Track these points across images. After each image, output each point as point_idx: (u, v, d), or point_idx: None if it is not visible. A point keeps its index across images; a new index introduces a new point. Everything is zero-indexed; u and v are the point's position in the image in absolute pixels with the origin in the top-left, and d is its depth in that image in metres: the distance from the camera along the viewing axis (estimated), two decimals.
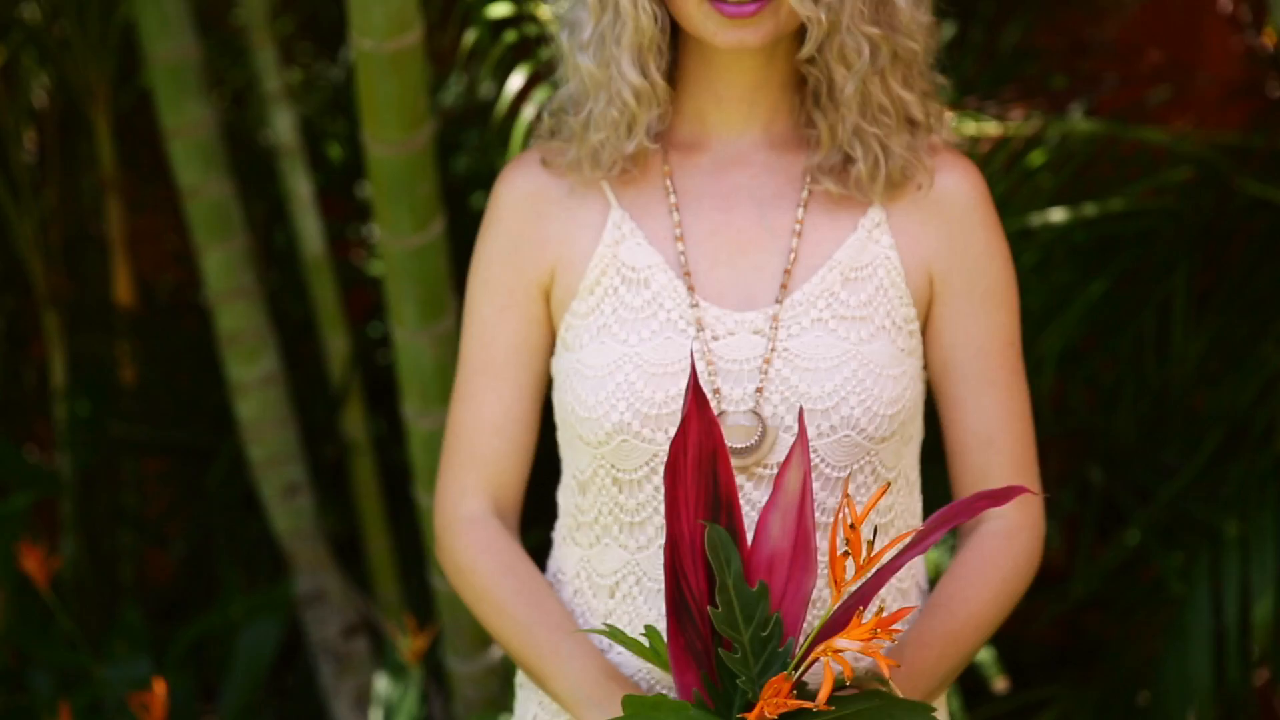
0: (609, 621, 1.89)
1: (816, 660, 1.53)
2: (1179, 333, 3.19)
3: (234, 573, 3.95)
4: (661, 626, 1.76)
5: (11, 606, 3.74)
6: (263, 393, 3.70)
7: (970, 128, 3.12)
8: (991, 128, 3.11)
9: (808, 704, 1.52)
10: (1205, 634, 3.21)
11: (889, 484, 1.55)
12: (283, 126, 3.75)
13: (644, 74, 1.84)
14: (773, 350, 1.82)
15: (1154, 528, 3.31)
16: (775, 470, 1.79)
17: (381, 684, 3.33)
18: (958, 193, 1.89)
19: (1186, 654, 3.23)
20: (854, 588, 1.58)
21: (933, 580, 2.46)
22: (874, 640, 1.49)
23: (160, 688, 3.04)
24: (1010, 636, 3.74)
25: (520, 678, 2.03)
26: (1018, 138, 3.12)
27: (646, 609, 1.88)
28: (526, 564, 1.92)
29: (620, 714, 1.65)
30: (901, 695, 1.72)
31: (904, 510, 1.92)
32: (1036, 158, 3.17)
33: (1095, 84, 3.73)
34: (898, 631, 1.51)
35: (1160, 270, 3.20)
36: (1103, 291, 3.20)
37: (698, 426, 1.61)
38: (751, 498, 1.82)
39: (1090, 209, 3.15)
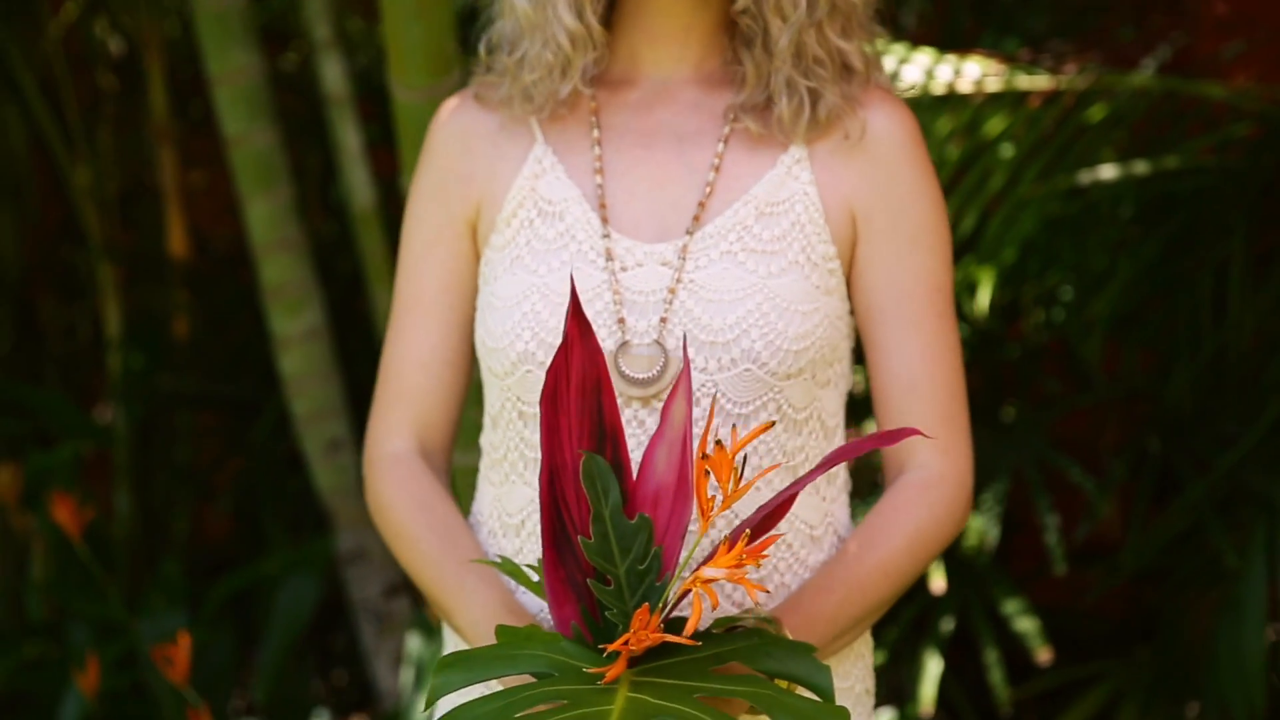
0: (517, 558, 1.85)
1: (687, 594, 1.48)
2: (1236, 296, 3.07)
3: (278, 529, 3.93)
4: None
5: (53, 559, 3.74)
6: (306, 347, 3.67)
7: (1023, 81, 3.02)
8: (1043, 81, 3.00)
9: (675, 637, 1.47)
10: (1259, 608, 3.10)
11: (772, 423, 1.48)
12: (331, 76, 3.70)
13: (580, 17, 1.83)
14: (678, 282, 1.79)
15: (1211, 498, 3.20)
16: None
17: (414, 644, 3.29)
18: (885, 133, 1.84)
19: (1240, 628, 3.13)
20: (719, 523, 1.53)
21: None
22: (741, 567, 1.43)
23: (185, 641, 3.02)
24: (1062, 610, 3.64)
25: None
26: (1069, 92, 3.01)
27: None
28: (444, 502, 1.89)
29: None
30: (791, 637, 1.67)
31: (817, 455, 1.85)
32: (1096, 113, 3.06)
33: (1161, 38, 3.61)
34: (765, 558, 1.48)
35: (1218, 231, 3.09)
36: (1158, 253, 3.10)
37: (581, 354, 1.57)
38: (650, 427, 1.78)
39: (1142, 167, 3.03)
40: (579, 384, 1.58)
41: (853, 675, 1.88)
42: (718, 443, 1.45)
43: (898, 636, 3.34)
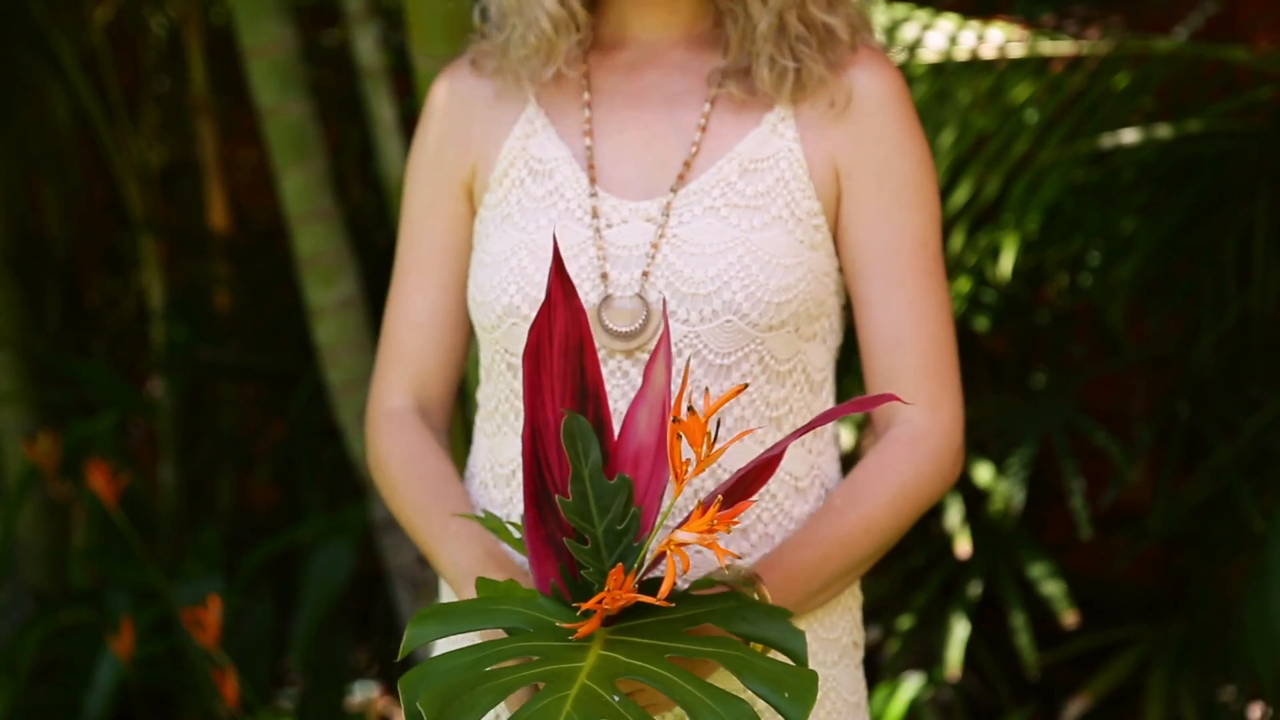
0: (508, 510, 1.88)
1: (662, 556, 1.49)
2: (1261, 260, 3.06)
3: (316, 498, 3.98)
4: None
5: (94, 527, 3.80)
6: (340, 317, 3.70)
7: (1046, 47, 3.01)
8: (1066, 47, 3.00)
9: (648, 598, 1.49)
10: None
11: (745, 385, 1.50)
12: (366, 48, 3.72)
13: (562, 2, 1.85)
14: (661, 237, 1.81)
15: (1238, 463, 3.19)
16: None
17: None
18: (869, 90, 1.85)
19: (1267, 593, 3.11)
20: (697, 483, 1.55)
21: None
22: (713, 533, 1.45)
23: (215, 604, 3.07)
24: (1092, 578, 3.65)
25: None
26: (1092, 57, 3.01)
27: None
28: (436, 455, 1.92)
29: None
30: (772, 595, 1.70)
31: (802, 408, 1.87)
32: (1121, 80, 3.06)
33: (1193, 4, 3.60)
34: (736, 524, 1.49)
35: (1243, 195, 3.08)
36: (1183, 218, 3.09)
37: (564, 314, 1.60)
38: (635, 379, 1.81)
39: (1165, 131, 3.03)
40: (561, 344, 1.61)
41: (839, 627, 1.89)
42: (690, 408, 1.47)
43: (926, 601, 3.36)
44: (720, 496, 1.50)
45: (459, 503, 1.87)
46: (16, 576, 4.07)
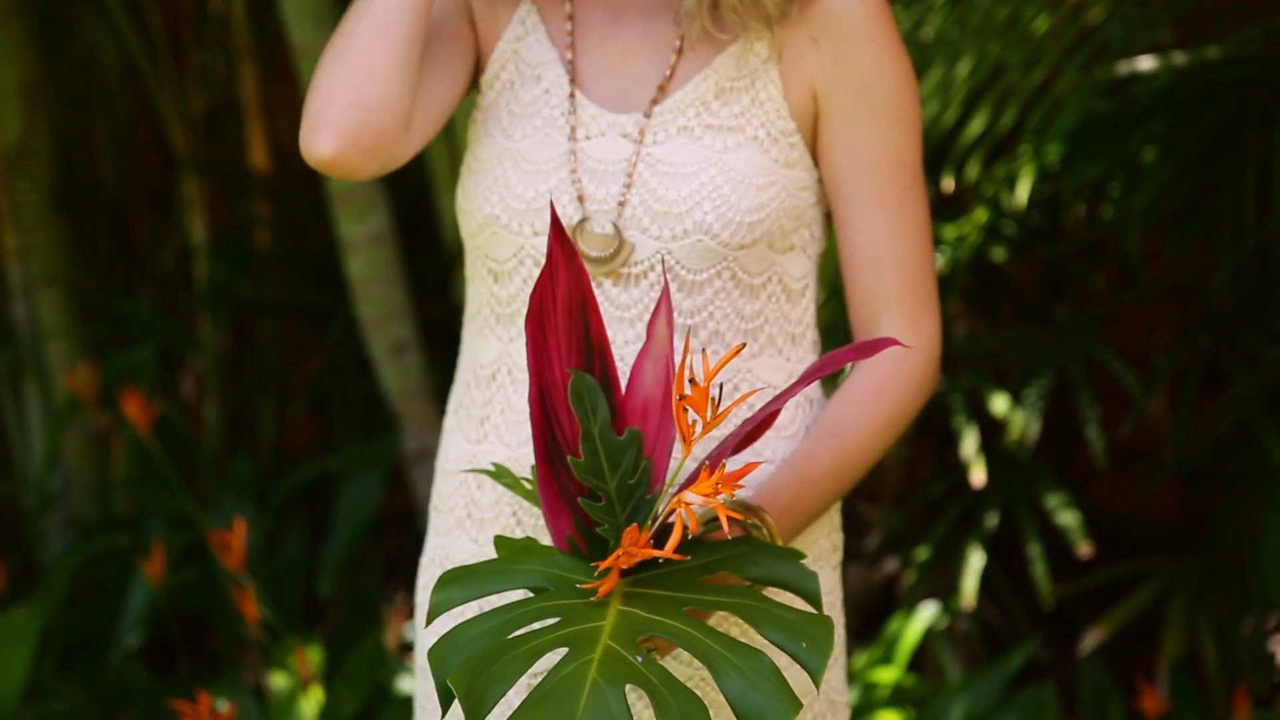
0: (487, 410, 1.93)
1: (673, 511, 1.52)
2: (1279, 189, 3.05)
3: (350, 431, 4.04)
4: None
5: (133, 458, 3.87)
6: (371, 251, 3.76)
7: None
8: None
9: (663, 553, 1.51)
10: None
11: (743, 345, 1.53)
12: None
13: None
14: (637, 156, 1.85)
15: (1259, 394, 3.19)
16: (637, 269, 1.84)
17: None
18: (845, 10, 1.86)
19: None
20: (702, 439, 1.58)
21: None
22: (717, 494, 1.48)
23: (241, 528, 3.13)
24: (1113, 513, 3.65)
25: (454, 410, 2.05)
26: None
27: (516, 398, 1.91)
28: None
29: None
30: (779, 530, 1.74)
31: (778, 317, 1.90)
32: (1139, 9, 3.05)
33: None
34: (740, 487, 1.50)
35: (1261, 124, 3.06)
36: (1201, 147, 3.08)
37: (566, 276, 1.62)
38: (612, 295, 1.85)
39: (1182, 58, 3.02)
40: (565, 304, 1.63)
41: (816, 530, 1.92)
42: (691, 380, 1.51)
43: (944, 533, 3.37)
44: (725, 459, 1.53)
45: None
46: (66, 508, 4.15)
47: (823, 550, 1.94)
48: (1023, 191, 3.17)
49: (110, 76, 4.51)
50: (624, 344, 1.84)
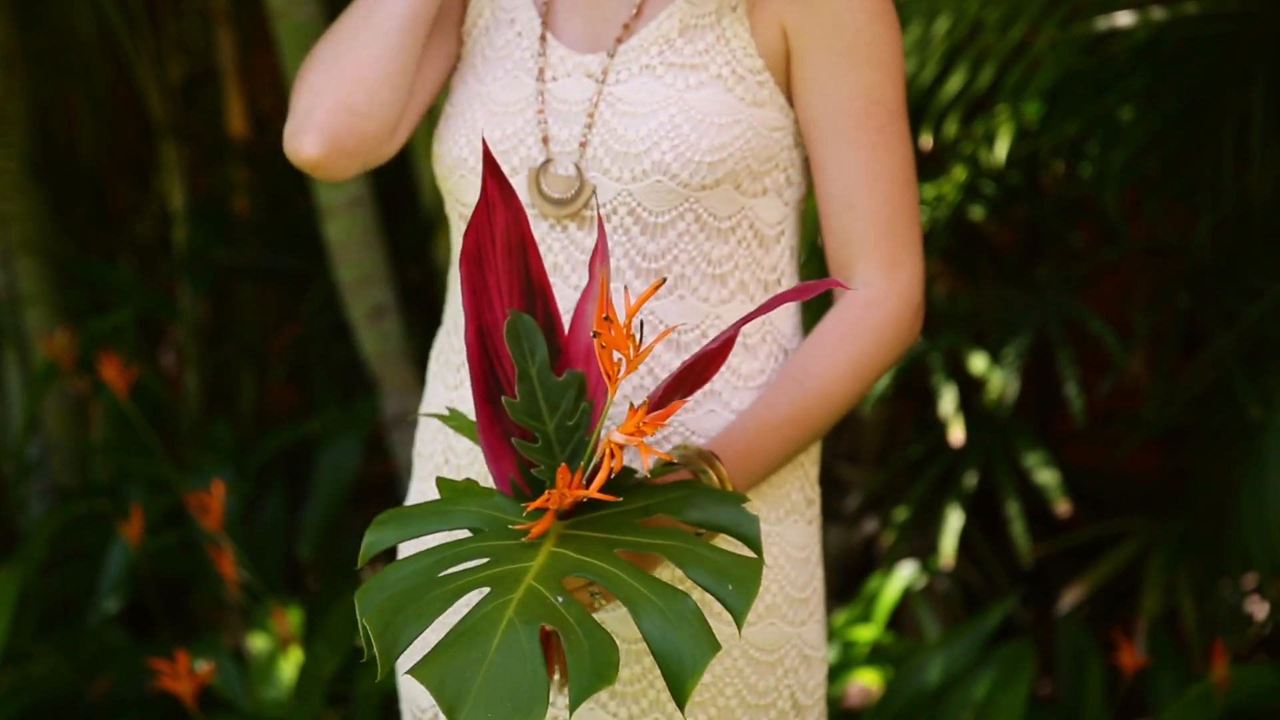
0: (463, 354, 1.90)
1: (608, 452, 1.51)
2: (1259, 146, 3.05)
3: (329, 396, 4.03)
4: None
5: (113, 422, 3.86)
6: (350, 215, 3.74)
7: None
8: None
9: (594, 494, 1.50)
10: None
11: (663, 280, 1.48)
12: None
13: None
14: (599, 95, 1.83)
15: (1237, 351, 3.19)
16: (601, 212, 1.81)
17: None
18: None
19: (1264, 481, 3.12)
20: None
21: None
22: (642, 434, 1.46)
23: (220, 488, 3.12)
24: (1094, 473, 3.65)
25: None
26: None
27: None
28: None
29: None
30: (731, 474, 1.72)
31: (750, 263, 1.86)
32: None
33: None
34: (664, 426, 1.50)
35: (1240, 80, 3.06)
36: (1180, 103, 3.08)
37: (504, 215, 1.61)
38: (576, 238, 1.83)
39: (1160, 13, 3.01)
40: (504, 244, 1.62)
41: (788, 484, 1.89)
42: (606, 318, 1.47)
43: (923, 493, 3.37)
44: (649, 400, 1.51)
45: None
46: (45, 474, 4.14)
47: (795, 503, 1.90)
48: (1001, 149, 3.16)
49: (88, 44, 4.49)
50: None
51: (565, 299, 1.80)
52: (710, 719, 1.82)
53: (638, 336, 1.49)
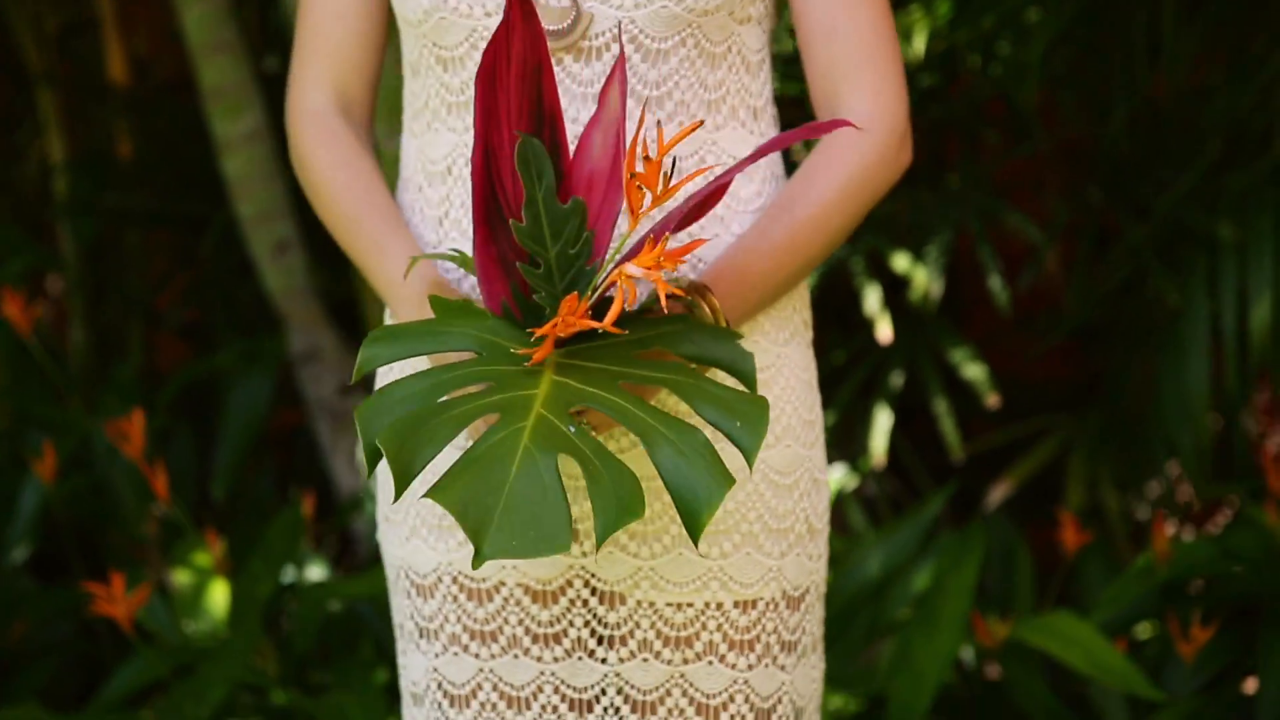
0: (444, 208, 1.86)
1: (614, 284, 1.49)
2: (1170, 37, 3.09)
3: (232, 337, 3.94)
4: None
5: (7, 367, 3.75)
6: (248, 149, 3.67)
7: None
8: None
9: (600, 325, 1.48)
10: (1201, 345, 3.15)
11: (700, 122, 1.49)
12: None
13: None
14: None
15: (1152, 242, 3.23)
16: (598, 43, 1.77)
17: None
18: None
19: (1185, 367, 3.17)
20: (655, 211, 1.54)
21: None
22: (659, 268, 1.45)
23: (139, 417, 3.04)
24: (1014, 376, 3.68)
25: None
26: None
27: None
28: (364, 160, 1.89)
29: (429, 313, 1.63)
30: (724, 305, 1.70)
31: (739, 89, 1.85)
32: None
33: None
34: (683, 262, 1.49)
35: None
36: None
37: (522, 36, 1.57)
38: (573, 70, 1.78)
39: None
40: (520, 67, 1.58)
41: (789, 306, 1.88)
42: (646, 156, 1.46)
43: (849, 397, 3.38)
44: (668, 233, 1.49)
45: (390, 212, 1.85)
46: None
47: (795, 326, 1.89)
48: (919, 44, 3.18)
49: None
50: (585, 122, 1.79)
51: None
52: (735, 545, 1.80)
53: (669, 172, 1.48)
